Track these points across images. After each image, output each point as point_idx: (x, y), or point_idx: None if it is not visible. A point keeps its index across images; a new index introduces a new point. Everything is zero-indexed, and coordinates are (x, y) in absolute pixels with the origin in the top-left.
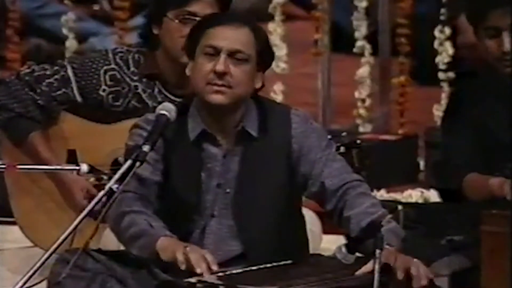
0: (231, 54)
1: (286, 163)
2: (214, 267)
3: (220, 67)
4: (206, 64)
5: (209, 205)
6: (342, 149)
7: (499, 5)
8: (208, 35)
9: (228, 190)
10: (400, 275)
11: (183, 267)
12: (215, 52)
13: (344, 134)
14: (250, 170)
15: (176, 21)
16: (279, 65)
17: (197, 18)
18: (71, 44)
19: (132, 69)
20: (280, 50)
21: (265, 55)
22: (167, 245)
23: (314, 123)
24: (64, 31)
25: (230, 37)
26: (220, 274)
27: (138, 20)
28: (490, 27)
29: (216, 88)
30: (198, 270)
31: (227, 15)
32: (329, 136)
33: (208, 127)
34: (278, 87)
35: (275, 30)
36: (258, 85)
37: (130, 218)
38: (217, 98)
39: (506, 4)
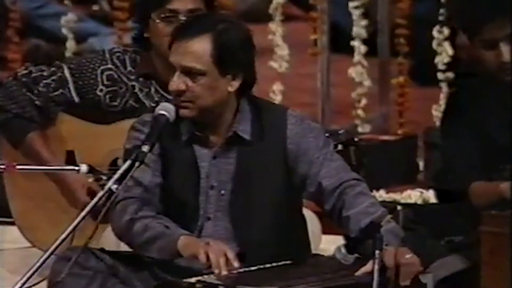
0: (185, 71)
1: (282, 164)
2: (235, 264)
3: (171, 86)
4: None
5: (202, 206)
6: (339, 147)
7: (493, 18)
8: (171, 51)
9: (222, 192)
10: (390, 273)
11: (204, 266)
12: (175, 69)
13: (341, 132)
14: (246, 172)
15: (157, 20)
16: (282, 65)
17: (180, 16)
18: (70, 44)
19: (129, 68)
20: (282, 50)
21: (228, 61)
22: (189, 243)
23: (311, 123)
24: (65, 31)
25: (183, 52)
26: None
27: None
28: (485, 40)
29: (180, 104)
30: (216, 271)
31: (185, 26)
32: (326, 134)
33: (199, 128)
34: (277, 87)
35: (276, 30)
36: (231, 89)
37: (142, 223)
38: (183, 112)
39: (499, 15)
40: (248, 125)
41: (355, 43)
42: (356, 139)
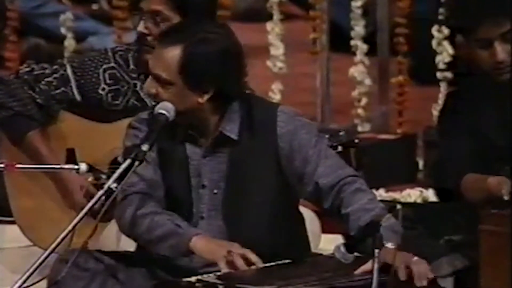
0: (155, 77)
1: (275, 162)
2: (259, 265)
3: (144, 89)
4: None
5: (195, 205)
6: (339, 148)
7: (487, 17)
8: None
9: (215, 191)
10: (402, 275)
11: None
12: None
13: (341, 133)
14: (238, 171)
15: (140, 20)
16: (277, 65)
17: (145, 15)
18: (69, 43)
19: (131, 67)
20: (277, 49)
21: (195, 75)
22: (206, 245)
23: (302, 119)
24: (62, 30)
25: (156, 59)
26: (219, 273)
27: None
28: (480, 39)
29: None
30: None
31: (165, 33)
32: (327, 136)
33: (190, 127)
34: (276, 86)
35: (273, 29)
36: (201, 100)
37: (150, 219)
38: None
39: (493, 14)
40: (236, 125)
41: (357, 43)
42: (356, 141)
